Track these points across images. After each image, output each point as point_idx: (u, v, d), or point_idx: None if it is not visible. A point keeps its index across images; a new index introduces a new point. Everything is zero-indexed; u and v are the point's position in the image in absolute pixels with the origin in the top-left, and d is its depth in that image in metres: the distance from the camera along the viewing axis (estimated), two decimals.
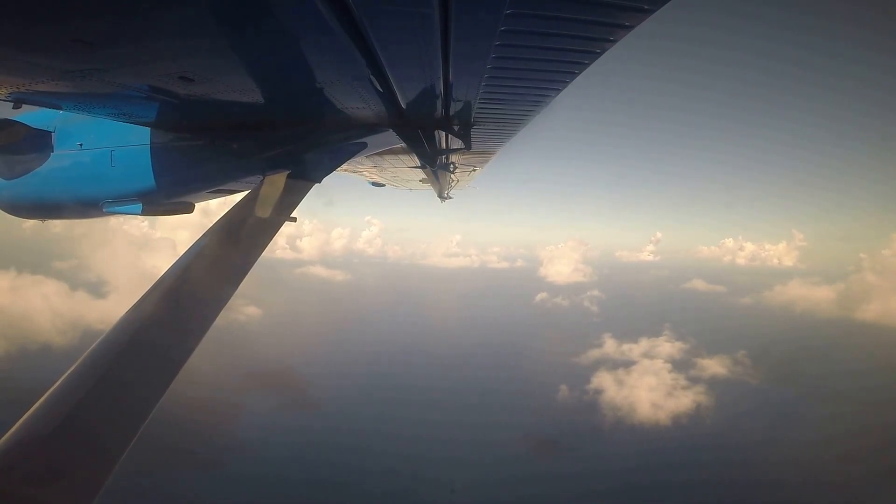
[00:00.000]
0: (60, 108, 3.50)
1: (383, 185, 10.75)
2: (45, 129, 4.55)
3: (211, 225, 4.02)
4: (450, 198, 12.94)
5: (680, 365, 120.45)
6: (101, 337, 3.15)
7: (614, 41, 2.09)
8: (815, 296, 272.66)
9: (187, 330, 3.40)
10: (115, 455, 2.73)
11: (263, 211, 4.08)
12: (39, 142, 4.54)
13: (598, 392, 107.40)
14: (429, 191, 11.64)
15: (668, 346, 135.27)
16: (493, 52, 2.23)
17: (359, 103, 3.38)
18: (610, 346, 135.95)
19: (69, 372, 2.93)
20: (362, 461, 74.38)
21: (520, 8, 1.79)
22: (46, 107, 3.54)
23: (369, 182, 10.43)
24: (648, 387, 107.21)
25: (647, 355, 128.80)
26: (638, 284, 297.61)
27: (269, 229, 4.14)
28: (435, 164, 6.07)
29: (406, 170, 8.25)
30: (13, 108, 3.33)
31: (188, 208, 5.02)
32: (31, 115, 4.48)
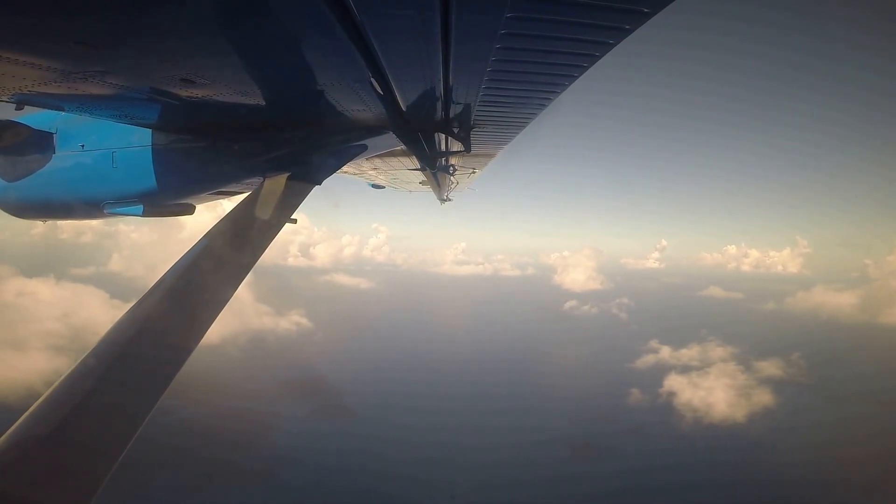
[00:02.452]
0: (62, 110, 3.51)
1: (383, 187, 10.77)
2: (46, 130, 4.57)
3: (212, 226, 4.03)
4: (449, 200, 12.95)
5: (748, 368, 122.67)
6: (101, 337, 3.15)
7: (614, 44, 2.10)
8: (837, 301, 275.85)
9: (187, 330, 3.40)
10: (113, 456, 2.73)
11: (264, 212, 4.08)
12: (41, 143, 4.55)
13: (672, 394, 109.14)
14: (428, 193, 11.65)
15: (720, 351, 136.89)
16: (493, 54, 2.24)
17: (359, 105, 3.39)
18: (665, 351, 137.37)
19: (68, 372, 2.93)
20: (401, 469, 74.60)
21: (520, 11, 1.80)
22: (48, 108, 3.55)
23: (369, 184, 10.45)
24: (726, 389, 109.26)
25: (708, 359, 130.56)
26: (656, 292, 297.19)
27: (269, 231, 4.15)
28: (435, 167, 6.09)
29: (406, 172, 8.27)
30: (15, 109, 3.34)
31: (189, 210, 5.03)
32: (33, 117, 4.50)
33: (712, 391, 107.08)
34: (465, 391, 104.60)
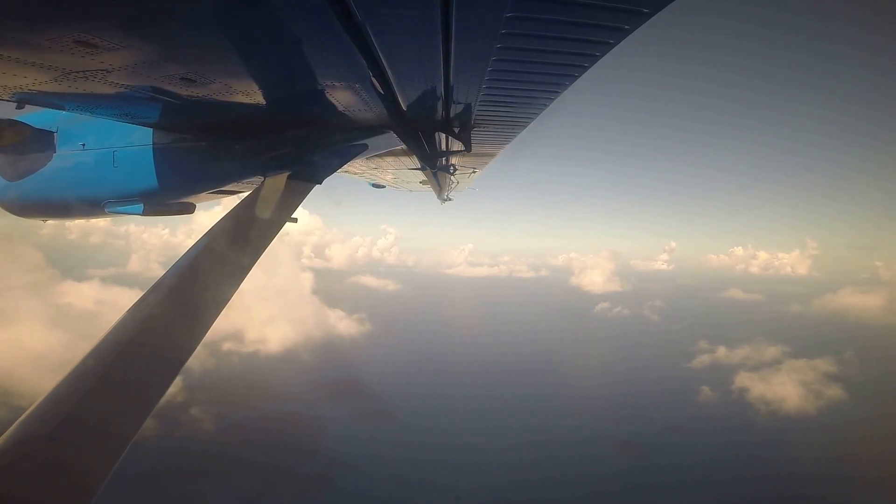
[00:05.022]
0: (63, 109, 3.51)
1: (384, 187, 10.77)
2: (47, 129, 4.57)
3: (212, 225, 4.03)
4: (449, 199, 12.95)
5: (812, 367, 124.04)
6: (102, 336, 3.15)
7: (614, 44, 2.11)
8: (863, 303, 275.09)
9: (188, 329, 3.41)
10: (114, 455, 2.73)
11: (265, 211, 4.09)
12: (42, 142, 4.55)
13: (744, 391, 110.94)
14: (428, 193, 11.66)
15: (772, 350, 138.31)
16: (493, 54, 2.25)
17: (360, 105, 3.39)
18: (721, 351, 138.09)
19: (69, 372, 2.93)
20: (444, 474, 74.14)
21: (521, 10, 1.81)
22: (49, 107, 3.55)
23: (370, 183, 10.45)
24: (798, 385, 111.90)
25: (767, 358, 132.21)
26: (676, 293, 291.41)
27: (270, 230, 4.16)
28: (435, 166, 6.09)
29: (406, 171, 8.27)
30: (16, 108, 3.35)
31: (189, 209, 5.03)
32: (33, 116, 4.50)
33: (785, 387, 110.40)
34: (515, 392, 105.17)
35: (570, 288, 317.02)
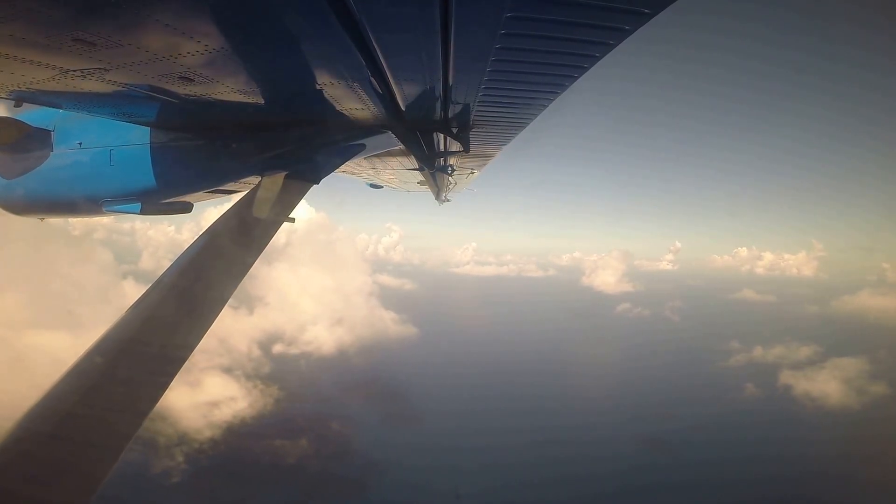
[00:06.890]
0: (61, 107, 3.50)
1: (381, 187, 10.76)
2: (44, 127, 4.55)
3: (210, 225, 4.02)
4: (447, 200, 12.95)
5: (852, 364, 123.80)
6: (102, 335, 3.14)
7: (614, 45, 2.11)
8: (882, 304, 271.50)
9: (188, 328, 3.40)
10: (114, 453, 2.73)
11: (262, 211, 4.08)
12: (39, 140, 4.53)
13: (788, 388, 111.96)
14: (426, 194, 11.65)
15: (805, 350, 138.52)
16: (493, 54, 2.25)
17: (358, 105, 3.39)
18: (758, 351, 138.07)
19: (71, 368, 2.92)
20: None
21: (520, 11, 1.81)
22: (47, 105, 3.54)
23: (367, 183, 10.44)
24: (843, 382, 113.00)
25: (803, 357, 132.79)
26: (690, 294, 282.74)
27: (268, 229, 4.15)
28: (433, 167, 6.09)
29: (404, 172, 8.27)
30: (14, 106, 3.33)
31: (187, 208, 5.01)
32: (30, 114, 4.48)
33: (831, 384, 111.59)
34: (550, 393, 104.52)
35: (584, 288, 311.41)
